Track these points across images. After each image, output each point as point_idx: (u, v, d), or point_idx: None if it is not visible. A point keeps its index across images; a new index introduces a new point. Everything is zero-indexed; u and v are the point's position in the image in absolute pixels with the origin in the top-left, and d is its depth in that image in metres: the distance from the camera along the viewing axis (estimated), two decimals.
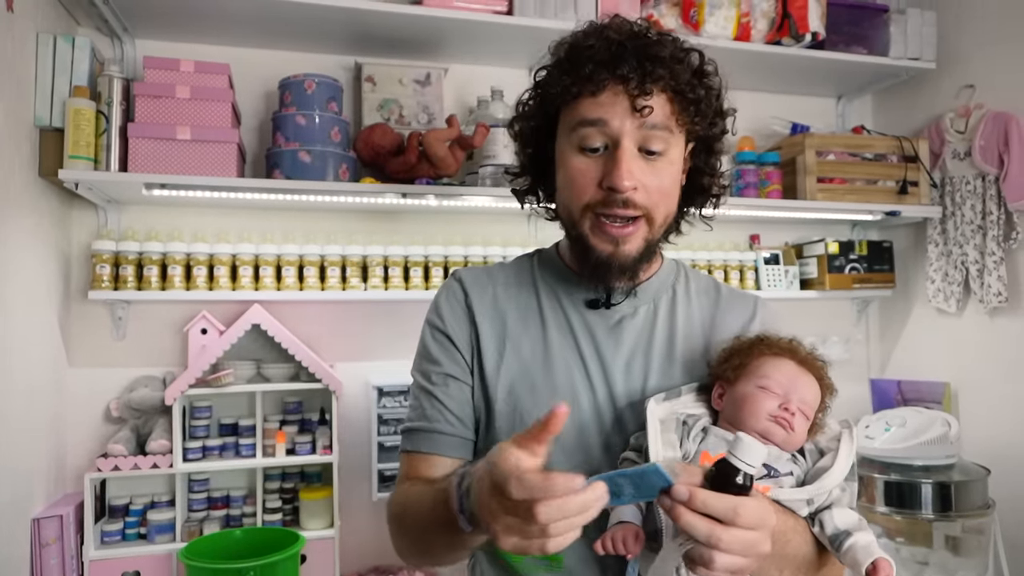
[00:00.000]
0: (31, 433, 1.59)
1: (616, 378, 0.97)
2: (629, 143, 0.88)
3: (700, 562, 0.70)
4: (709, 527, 0.68)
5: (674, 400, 0.92)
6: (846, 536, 0.81)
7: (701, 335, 1.02)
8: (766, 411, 0.85)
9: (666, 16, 1.96)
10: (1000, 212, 2.06)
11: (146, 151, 1.65)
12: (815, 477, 0.85)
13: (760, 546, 0.70)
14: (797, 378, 0.89)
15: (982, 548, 1.91)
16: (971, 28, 2.19)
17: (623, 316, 1.00)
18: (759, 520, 0.69)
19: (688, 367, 0.99)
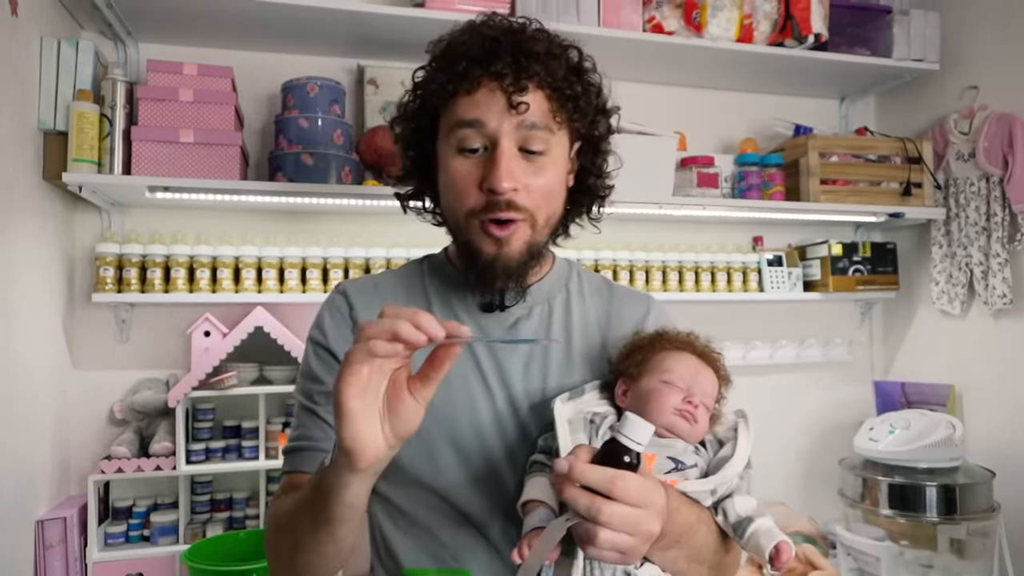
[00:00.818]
0: (35, 435, 1.60)
1: (515, 381, 0.94)
2: (508, 143, 0.86)
3: (584, 538, 0.68)
4: (589, 499, 0.67)
5: (578, 399, 0.91)
6: (748, 522, 0.83)
7: (597, 332, 1.00)
8: (671, 405, 0.86)
9: (668, 18, 1.96)
10: (1004, 214, 2.05)
11: (149, 154, 1.65)
12: (717, 467, 0.86)
13: (645, 524, 0.68)
14: (698, 371, 0.90)
15: (987, 551, 1.90)
16: (975, 29, 2.18)
17: (518, 318, 0.97)
18: (640, 496, 0.67)
19: (587, 365, 0.97)
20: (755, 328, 2.35)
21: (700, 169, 2.07)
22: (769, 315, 2.38)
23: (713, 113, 2.36)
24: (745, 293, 2.19)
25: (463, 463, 0.92)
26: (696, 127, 2.29)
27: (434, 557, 0.91)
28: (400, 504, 0.93)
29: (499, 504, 0.91)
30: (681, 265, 2.15)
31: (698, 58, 2.08)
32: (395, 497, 0.94)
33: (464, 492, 0.91)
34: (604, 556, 0.69)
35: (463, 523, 0.91)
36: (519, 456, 0.92)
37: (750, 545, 0.83)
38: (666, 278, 2.13)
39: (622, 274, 2.09)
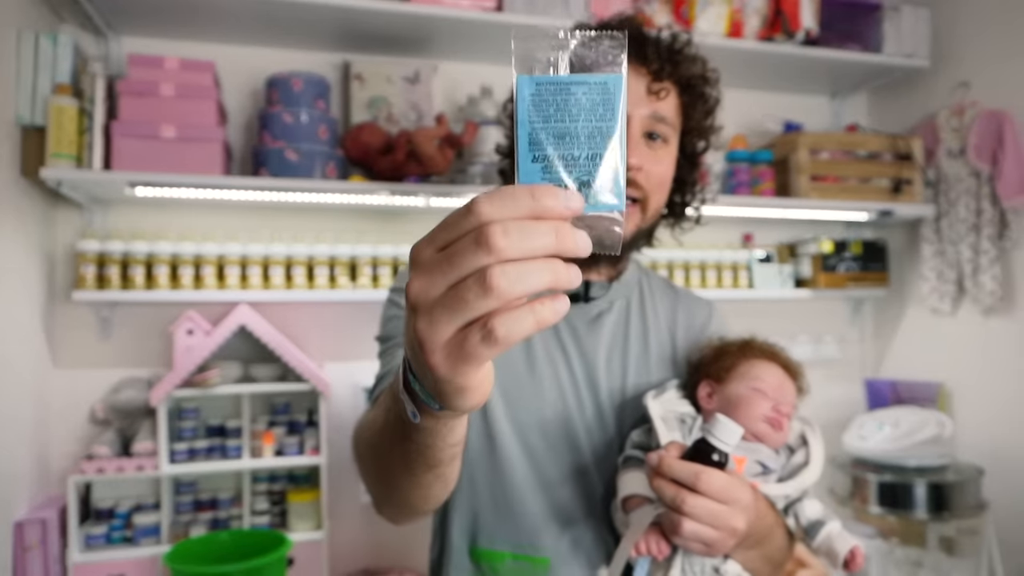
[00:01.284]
0: (14, 435, 1.57)
1: (598, 373, 0.98)
2: (637, 126, 0.91)
3: (668, 528, 0.73)
4: (674, 490, 0.72)
5: (662, 396, 0.95)
6: (820, 526, 0.86)
7: (667, 332, 1.05)
8: (761, 412, 0.89)
9: (657, 12, 1.94)
10: (994, 210, 2.05)
11: (130, 149, 1.63)
12: (792, 473, 0.89)
13: (729, 520, 0.72)
14: (784, 381, 0.94)
15: (976, 549, 1.90)
16: (965, 25, 2.17)
17: (601, 311, 1.01)
18: (724, 491, 0.71)
19: (661, 362, 1.02)
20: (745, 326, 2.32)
21: None
22: (759, 313, 2.37)
23: None
24: (735, 290, 2.18)
25: (550, 450, 0.94)
26: None
27: (511, 541, 0.93)
28: (482, 484, 0.95)
29: (584, 498, 0.94)
30: (671, 262, 2.13)
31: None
32: (479, 476, 0.95)
33: (551, 483, 0.94)
34: (689, 547, 0.74)
35: (548, 512, 0.93)
36: (598, 445, 0.95)
37: (822, 548, 0.85)
38: None
39: None
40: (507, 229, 0.39)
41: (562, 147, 0.44)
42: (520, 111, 0.43)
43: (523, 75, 0.43)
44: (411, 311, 0.43)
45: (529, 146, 0.43)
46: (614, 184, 0.44)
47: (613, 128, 0.43)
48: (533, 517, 0.93)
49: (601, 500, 0.95)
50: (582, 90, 0.43)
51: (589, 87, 0.43)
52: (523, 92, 0.43)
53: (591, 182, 0.43)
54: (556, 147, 0.43)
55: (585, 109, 0.43)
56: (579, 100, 0.43)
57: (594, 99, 0.43)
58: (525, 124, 0.43)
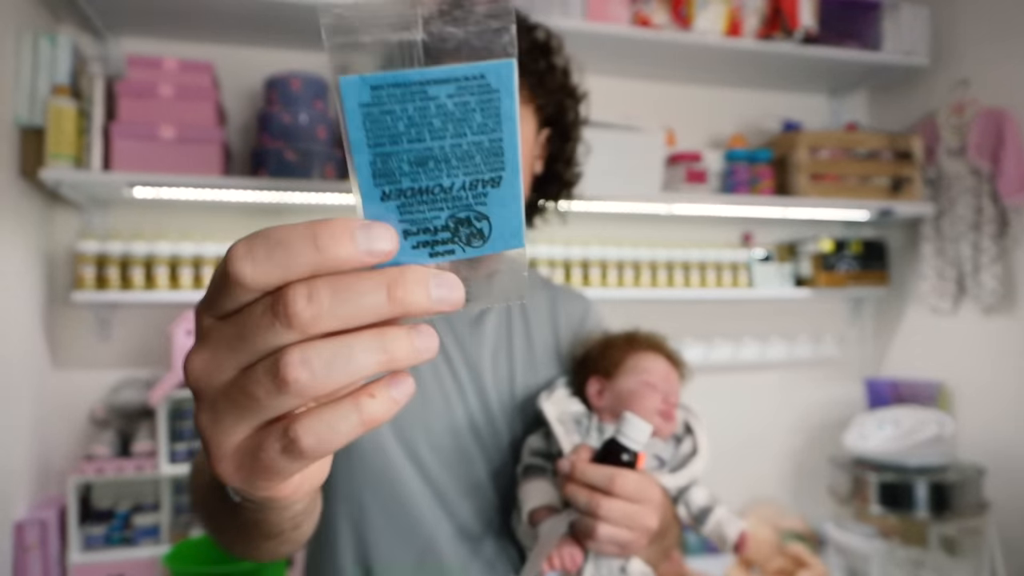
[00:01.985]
0: (13, 436, 1.57)
1: (484, 376, 0.93)
2: None
3: (584, 533, 0.72)
4: (588, 495, 0.70)
5: (553, 395, 0.92)
6: (709, 512, 0.86)
7: (550, 326, 1.01)
8: (653, 406, 0.88)
9: (656, 12, 1.94)
10: (995, 208, 2.04)
11: (129, 150, 1.63)
12: (682, 463, 0.89)
13: (643, 519, 0.71)
14: (670, 372, 0.93)
15: (978, 549, 1.89)
16: (965, 23, 2.17)
17: (482, 312, 0.95)
18: (638, 491, 0.70)
19: (546, 359, 0.98)
20: (745, 325, 2.34)
21: (688, 165, 2.06)
22: (759, 312, 2.37)
23: (702, 108, 2.35)
24: (735, 290, 2.18)
25: (442, 467, 0.89)
26: (685, 122, 2.27)
27: (413, 556, 0.88)
28: (373, 507, 0.89)
29: (484, 510, 0.90)
30: (671, 262, 2.13)
31: (686, 52, 2.06)
32: (368, 499, 0.90)
33: (447, 499, 0.89)
34: (604, 549, 0.73)
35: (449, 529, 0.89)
36: (492, 455, 0.91)
37: (712, 533, 0.86)
38: (655, 275, 2.11)
39: (611, 271, 2.07)
40: (315, 293, 0.28)
41: (424, 176, 0.30)
42: (351, 130, 0.29)
43: (347, 76, 0.29)
44: (193, 396, 0.32)
45: (373, 179, 0.30)
46: (510, 216, 0.31)
47: (499, 140, 0.30)
48: (433, 534, 0.88)
49: (499, 511, 0.91)
50: (446, 91, 0.29)
51: (458, 85, 0.29)
52: (350, 102, 0.29)
53: (473, 218, 0.31)
54: (415, 176, 0.30)
55: (454, 118, 0.30)
56: (444, 106, 0.29)
57: (467, 102, 0.29)
58: (362, 149, 0.29)
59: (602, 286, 2.03)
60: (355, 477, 0.89)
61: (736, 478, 2.30)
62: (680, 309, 2.27)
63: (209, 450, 0.32)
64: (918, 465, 1.89)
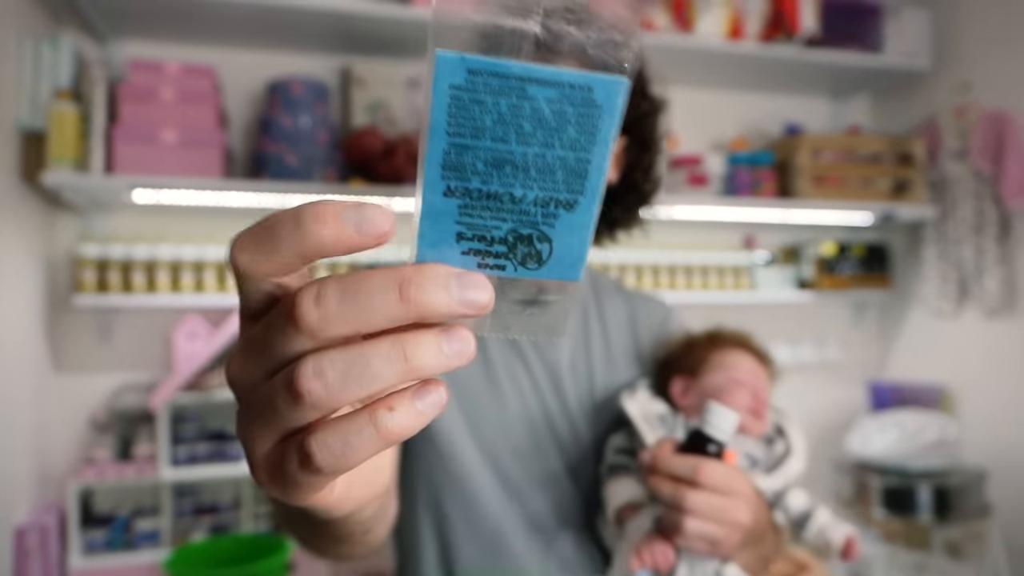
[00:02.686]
0: (14, 440, 1.57)
1: (563, 378, 0.93)
2: None
3: (671, 529, 0.68)
4: (673, 486, 0.67)
5: (635, 395, 0.91)
6: (809, 517, 0.82)
7: (628, 328, 1.00)
8: (742, 402, 0.85)
9: (658, 15, 1.94)
10: (997, 212, 2.04)
11: (130, 154, 1.63)
12: (776, 464, 0.85)
13: (734, 513, 0.67)
14: (758, 369, 0.90)
15: (981, 553, 1.88)
16: (967, 27, 2.17)
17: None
18: (724, 482, 0.66)
19: (626, 360, 0.97)
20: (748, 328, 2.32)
21: (690, 168, 2.05)
22: (762, 315, 2.36)
23: (704, 111, 2.34)
24: (737, 293, 2.17)
25: (519, 463, 0.90)
26: (686, 125, 2.27)
27: (492, 567, 0.88)
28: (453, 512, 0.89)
29: (560, 508, 0.90)
30: (673, 265, 2.13)
31: (688, 55, 2.06)
32: (448, 504, 0.90)
33: (524, 498, 0.90)
34: (694, 546, 0.68)
35: (525, 530, 0.89)
36: (571, 454, 0.91)
37: (813, 539, 0.81)
38: (657, 278, 2.11)
39: (612, 274, 2.06)
40: (322, 293, 0.26)
41: (498, 180, 0.28)
42: (435, 110, 0.27)
43: (446, 52, 0.26)
44: (234, 395, 0.31)
45: (442, 170, 0.27)
46: (575, 244, 0.29)
47: (588, 161, 0.28)
48: (512, 538, 0.88)
49: (581, 510, 0.91)
50: (547, 94, 0.27)
51: (561, 91, 0.27)
52: (442, 81, 0.26)
53: (536, 238, 0.29)
54: (487, 178, 0.28)
55: (548, 126, 0.27)
56: (540, 109, 0.27)
57: (565, 111, 0.27)
58: (440, 134, 0.27)
59: None
60: (434, 482, 0.89)
61: None
62: (683, 312, 2.26)
63: (246, 456, 0.30)
64: (921, 468, 1.89)
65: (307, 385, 0.26)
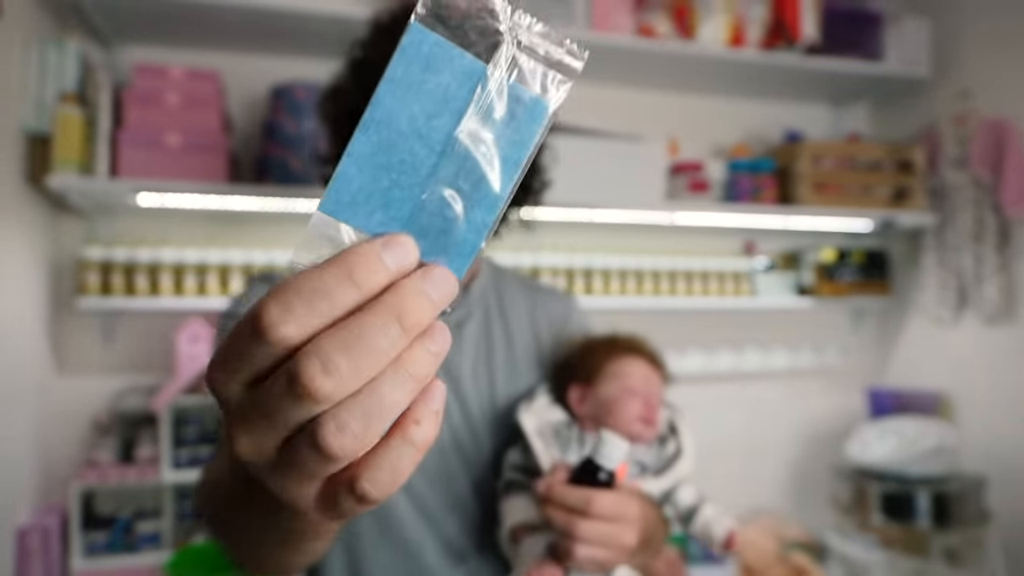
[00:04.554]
0: (16, 442, 1.57)
1: (465, 386, 0.92)
2: None
3: (564, 555, 0.72)
4: (566, 517, 0.71)
5: (532, 405, 0.91)
6: (696, 511, 0.86)
7: (530, 330, 1.00)
8: (635, 413, 0.88)
9: (660, 22, 1.95)
10: (996, 220, 2.05)
11: (135, 158, 1.64)
12: (667, 465, 0.88)
13: (621, 538, 0.71)
14: (651, 374, 0.92)
15: (980, 559, 1.89)
16: (967, 35, 2.18)
17: (460, 319, 0.95)
18: (615, 511, 0.70)
19: (528, 365, 0.98)
20: (747, 334, 2.34)
21: (691, 175, 2.06)
22: (761, 321, 2.37)
23: (705, 118, 2.35)
24: (737, 299, 2.18)
25: (425, 483, 0.89)
26: (688, 132, 2.28)
27: None
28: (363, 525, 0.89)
29: (472, 529, 0.90)
30: (673, 271, 2.13)
31: (689, 63, 2.07)
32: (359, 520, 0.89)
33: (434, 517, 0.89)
34: (583, 568, 0.73)
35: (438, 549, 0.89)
36: (476, 471, 0.91)
37: (699, 532, 0.86)
38: (658, 284, 2.12)
39: (613, 280, 2.07)
40: (328, 360, 0.27)
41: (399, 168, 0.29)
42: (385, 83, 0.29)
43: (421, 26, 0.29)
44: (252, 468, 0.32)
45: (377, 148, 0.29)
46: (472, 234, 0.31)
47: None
48: (421, 552, 0.88)
49: (484, 526, 0.91)
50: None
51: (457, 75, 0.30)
52: (410, 51, 0.29)
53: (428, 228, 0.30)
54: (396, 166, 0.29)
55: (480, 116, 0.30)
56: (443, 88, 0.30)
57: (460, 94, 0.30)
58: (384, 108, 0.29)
59: (605, 295, 2.03)
60: None
61: (738, 487, 2.30)
62: (682, 318, 2.27)
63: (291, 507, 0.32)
64: (920, 475, 1.90)
65: (336, 443, 0.27)
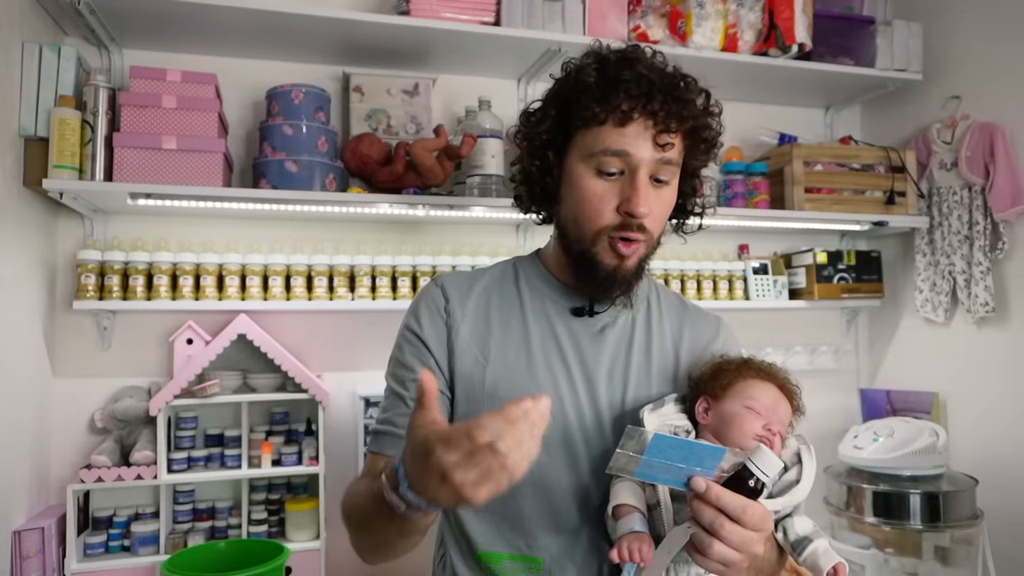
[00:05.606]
0: (13, 444, 1.58)
1: (599, 385, 1.00)
2: (645, 173, 0.93)
3: (699, 547, 0.77)
4: (714, 515, 0.76)
5: (659, 410, 0.97)
6: (808, 542, 0.89)
7: (672, 347, 1.07)
8: (752, 430, 0.92)
9: (653, 27, 1.97)
10: (986, 222, 2.07)
11: (131, 161, 1.64)
12: (783, 490, 0.92)
13: (754, 545, 0.77)
14: (779, 401, 0.96)
15: (971, 559, 1.91)
16: (957, 39, 2.20)
17: (605, 324, 1.04)
18: (760, 523, 0.76)
19: (662, 377, 1.04)
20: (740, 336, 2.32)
21: None
22: (755, 323, 2.39)
23: None
24: (731, 301, 2.20)
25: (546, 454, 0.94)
26: None
27: (508, 543, 0.97)
28: None
29: (581, 506, 0.97)
30: (667, 273, 2.15)
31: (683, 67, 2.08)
32: None
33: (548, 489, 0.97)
34: (711, 566, 0.78)
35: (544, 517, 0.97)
36: (596, 454, 0.97)
37: (808, 563, 0.89)
38: None
39: None
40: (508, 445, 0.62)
41: None
42: None
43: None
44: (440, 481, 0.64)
45: None
46: None
47: None
48: (529, 520, 0.97)
49: (597, 509, 0.97)
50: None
51: None
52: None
53: None
54: None
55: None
56: None
57: None
58: None
59: None
60: None
61: None
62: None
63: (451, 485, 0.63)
64: (912, 475, 1.91)
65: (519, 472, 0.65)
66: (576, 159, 0.96)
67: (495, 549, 0.97)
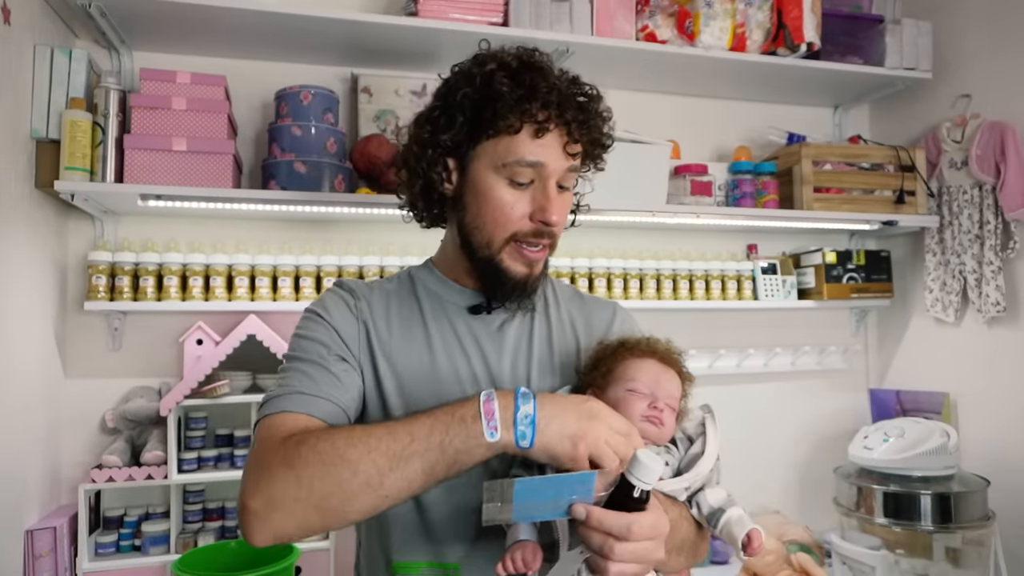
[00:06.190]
0: (25, 444, 1.59)
1: (503, 381, 1.00)
2: (555, 181, 0.95)
3: (596, 570, 0.76)
4: (602, 539, 0.74)
5: None
6: (720, 513, 0.88)
7: (572, 336, 1.07)
8: (638, 413, 0.89)
9: (661, 27, 1.97)
10: (997, 221, 2.06)
11: (142, 162, 1.65)
12: (690, 464, 0.90)
13: (653, 554, 0.76)
14: (660, 375, 0.93)
15: (982, 560, 1.89)
16: (967, 38, 2.19)
17: (504, 320, 1.04)
18: (651, 532, 0.75)
19: (565, 368, 1.03)
20: (750, 336, 2.35)
21: (693, 177, 2.08)
22: (764, 323, 2.38)
23: (707, 121, 2.37)
24: (739, 301, 2.19)
25: None
26: (690, 135, 2.29)
27: (425, 551, 0.95)
28: None
29: None
30: (675, 273, 2.15)
31: (691, 67, 2.09)
32: None
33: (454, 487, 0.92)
34: None
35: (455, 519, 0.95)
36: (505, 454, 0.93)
37: (723, 534, 0.87)
38: (660, 286, 2.13)
39: (616, 282, 2.09)
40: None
41: None
42: None
43: None
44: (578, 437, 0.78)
45: None
46: None
47: None
48: (442, 525, 0.95)
49: None
50: None
51: None
52: None
53: None
54: None
55: None
56: None
57: None
58: None
59: (607, 297, 2.04)
60: None
61: (741, 488, 2.29)
62: (685, 320, 2.28)
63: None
64: (922, 476, 1.90)
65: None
66: (484, 167, 0.95)
67: (413, 558, 0.95)
